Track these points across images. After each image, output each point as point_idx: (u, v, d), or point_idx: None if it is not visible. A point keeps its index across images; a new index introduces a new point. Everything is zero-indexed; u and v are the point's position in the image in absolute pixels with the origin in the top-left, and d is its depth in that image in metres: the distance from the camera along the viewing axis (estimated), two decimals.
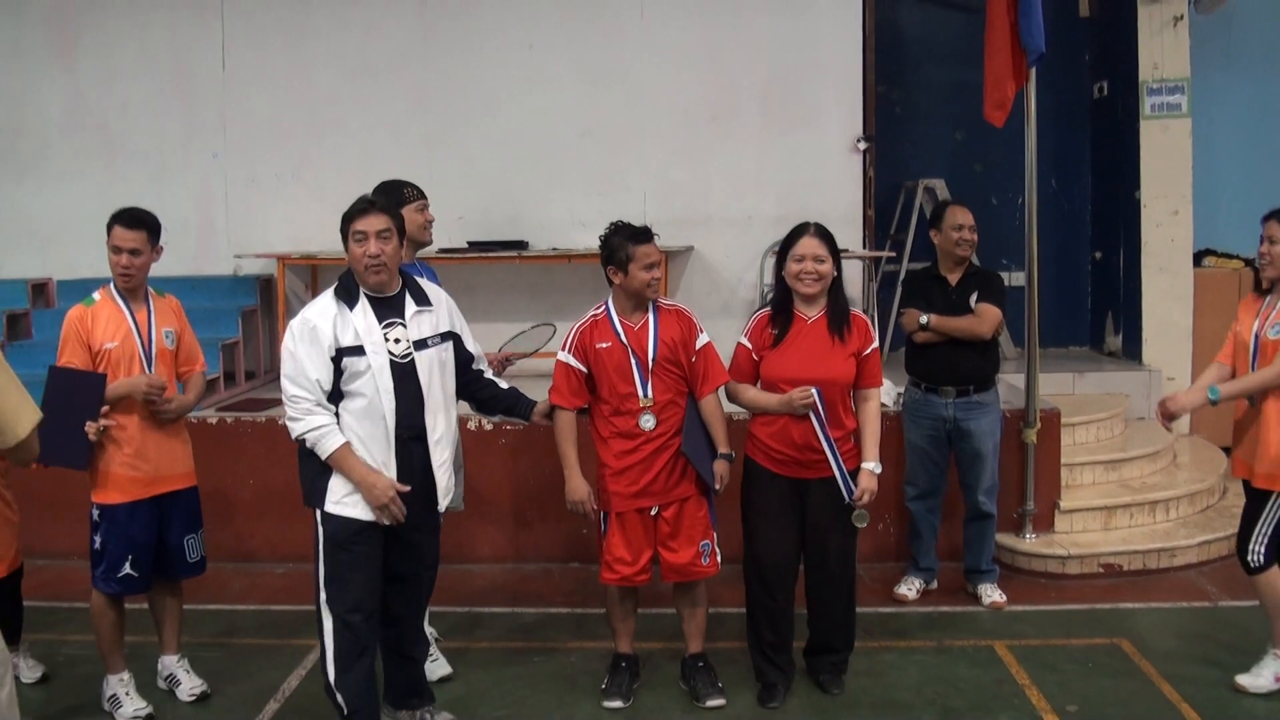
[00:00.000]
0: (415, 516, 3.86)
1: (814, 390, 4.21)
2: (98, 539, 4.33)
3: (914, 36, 8.70)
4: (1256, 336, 4.41)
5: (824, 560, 4.44)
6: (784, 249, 4.41)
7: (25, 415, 2.78)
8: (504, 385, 4.26)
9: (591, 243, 4.62)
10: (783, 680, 4.48)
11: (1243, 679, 4.44)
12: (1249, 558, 4.41)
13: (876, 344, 4.42)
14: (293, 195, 7.89)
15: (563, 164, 7.86)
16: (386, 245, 3.78)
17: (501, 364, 4.90)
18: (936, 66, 8.59)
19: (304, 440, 3.78)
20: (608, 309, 4.35)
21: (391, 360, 3.78)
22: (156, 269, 4.53)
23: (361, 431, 3.77)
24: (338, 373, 3.75)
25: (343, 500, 3.79)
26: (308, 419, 3.74)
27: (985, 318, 5.21)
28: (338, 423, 3.76)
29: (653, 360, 4.25)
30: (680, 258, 7.77)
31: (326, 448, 3.73)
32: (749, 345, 4.41)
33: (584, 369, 4.29)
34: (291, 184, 7.89)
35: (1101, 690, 4.49)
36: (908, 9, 8.69)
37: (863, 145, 7.73)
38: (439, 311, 3.99)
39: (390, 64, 7.90)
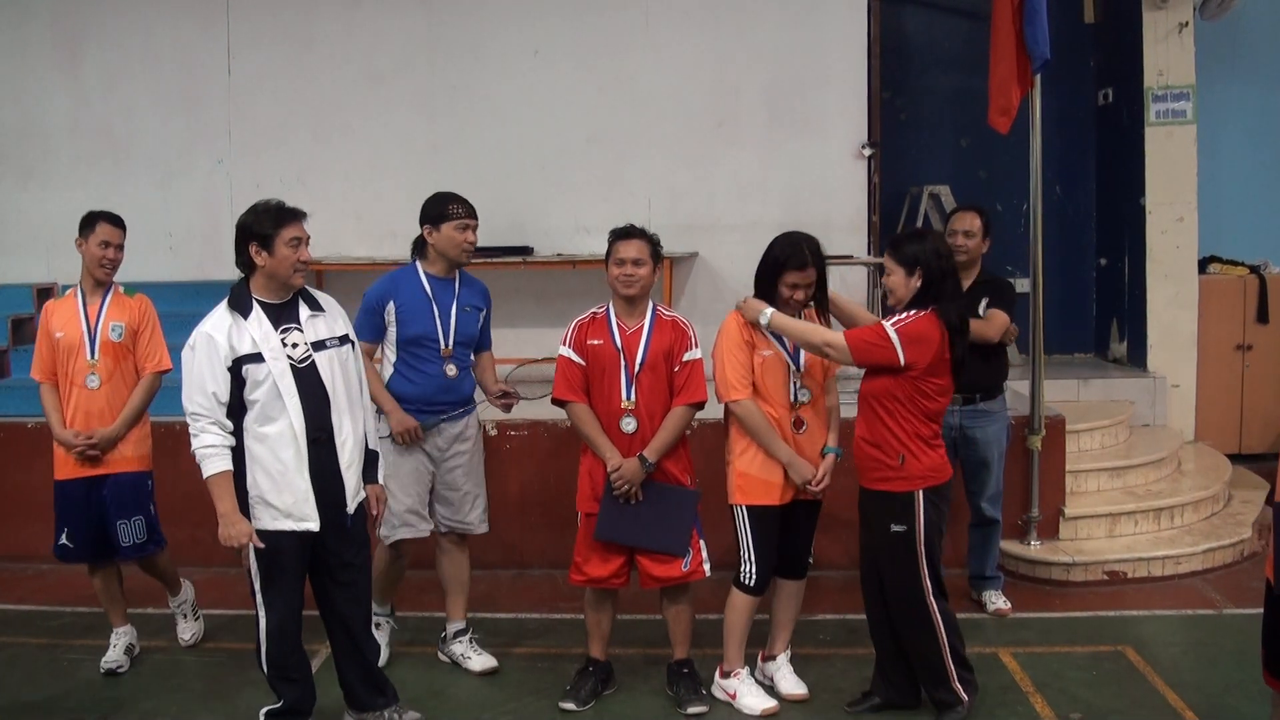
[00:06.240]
0: (327, 520, 3.88)
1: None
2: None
3: (919, 43, 8.71)
4: None
5: (883, 589, 4.22)
6: None
7: None
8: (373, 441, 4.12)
9: (596, 249, 4.63)
10: (882, 692, 4.32)
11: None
12: (746, 580, 4.29)
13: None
14: (297, 201, 7.60)
15: (568, 170, 7.87)
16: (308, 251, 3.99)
17: (506, 397, 4.79)
18: (941, 73, 8.61)
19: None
20: (608, 308, 4.41)
21: (291, 365, 3.84)
22: (164, 274, 4.58)
23: (270, 437, 3.80)
24: (239, 382, 3.79)
25: (258, 517, 3.82)
26: (202, 436, 3.79)
27: (993, 322, 5.19)
28: (241, 438, 3.81)
29: (639, 365, 4.27)
30: (685, 264, 7.77)
31: (208, 469, 3.79)
32: None
33: (583, 363, 4.32)
34: (296, 190, 7.85)
35: (1105, 697, 4.48)
36: (913, 16, 8.70)
37: (868, 152, 7.74)
38: (332, 316, 4.04)
39: (396, 70, 7.92)
